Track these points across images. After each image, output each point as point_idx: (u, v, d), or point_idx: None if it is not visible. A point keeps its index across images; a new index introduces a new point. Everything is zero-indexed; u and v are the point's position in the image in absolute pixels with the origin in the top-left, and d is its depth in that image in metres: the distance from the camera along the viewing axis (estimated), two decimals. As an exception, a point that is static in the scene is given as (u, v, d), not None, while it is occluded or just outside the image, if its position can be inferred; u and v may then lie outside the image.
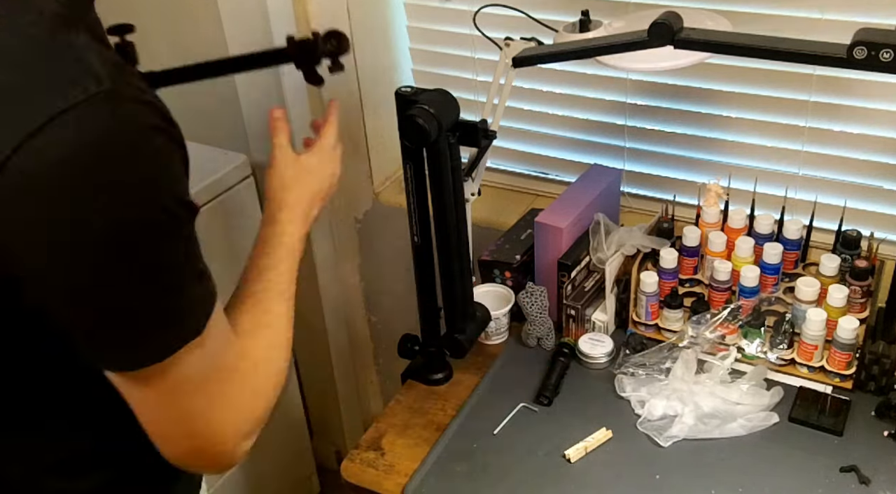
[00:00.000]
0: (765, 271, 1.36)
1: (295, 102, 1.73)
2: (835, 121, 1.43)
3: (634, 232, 1.45)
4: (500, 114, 1.33)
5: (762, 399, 1.27)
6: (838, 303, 1.28)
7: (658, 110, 1.58)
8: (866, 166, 1.43)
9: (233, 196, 1.73)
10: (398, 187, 1.91)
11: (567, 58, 1.29)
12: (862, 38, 0.99)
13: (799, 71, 1.40)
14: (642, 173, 1.66)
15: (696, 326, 1.35)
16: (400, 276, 1.95)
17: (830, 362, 1.29)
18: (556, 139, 1.72)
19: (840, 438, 1.23)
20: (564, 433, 1.28)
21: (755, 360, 1.34)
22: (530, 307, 1.43)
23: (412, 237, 1.31)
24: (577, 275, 1.44)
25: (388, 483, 1.25)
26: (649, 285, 1.38)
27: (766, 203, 1.48)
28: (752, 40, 1.10)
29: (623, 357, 1.38)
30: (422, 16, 1.74)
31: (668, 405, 1.28)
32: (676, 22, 1.11)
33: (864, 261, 1.30)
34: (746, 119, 1.50)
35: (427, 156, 1.22)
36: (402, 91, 1.21)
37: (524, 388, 1.37)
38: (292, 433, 2.13)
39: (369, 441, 1.33)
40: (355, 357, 2.19)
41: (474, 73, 1.73)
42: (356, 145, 1.86)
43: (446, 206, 1.24)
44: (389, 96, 1.28)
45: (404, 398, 1.41)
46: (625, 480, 1.20)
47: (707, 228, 1.43)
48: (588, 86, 1.62)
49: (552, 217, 1.43)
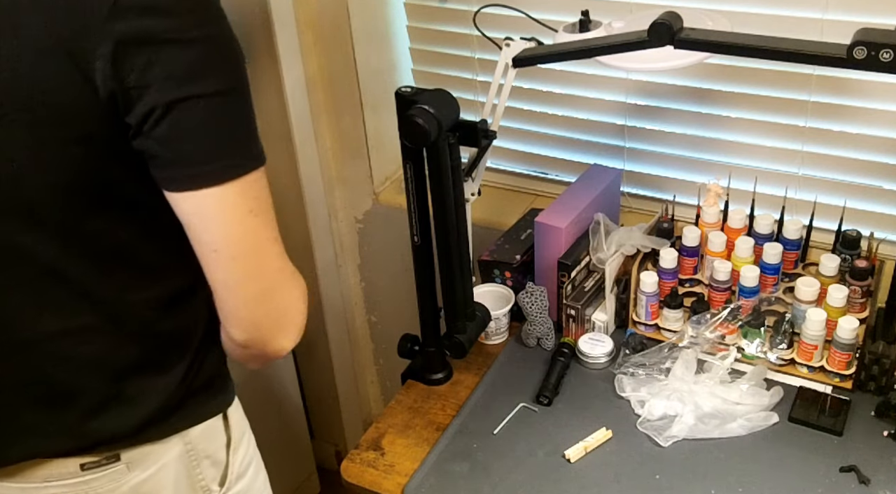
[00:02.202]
0: (765, 271, 1.36)
1: (295, 102, 1.74)
2: (835, 121, 1.43)
3: (634, 232, 1.45)
4: (500, 114, 1.33)
5: (762, 399, 1.27)
6: (838, 303, 1.28)
7: (658, 110, 1.58)
8: (866, 166, 1.43)
9: (233, 196, 1.73)
10: (398, 187, 1.91)
11: (567, 58, 1.29)
12: (862, 38, 0.99)
13: (799, 71, 1.40)
14: (642, 173, 1.66)
15: (696, 326, 1.35)
16: (400, 276, 1.95)
17: (830, 362, 1.29)
18: (556, 139, 1.72)
19: (840, 438, 1.23)
20: (564, 433, 1.28)
21: (755, 360, 1.34)
22: (530, 307, 1.43)
23: (412, 237, 1.31)
24: (577, 275, 1.44)
25: (388, 484, 1.25)
26: (649, 285, 1.38)
27: (765, 203, 1.48)
28: (752, 40, 1.10)
29: (623, 357, 1.38)
30: (422, 16, 1.74)
31: (668, 405, 1.28)
32: (676, 22, 1.11)
33: (864, 261, 1.31)
34: (746, 119, 1.50)
35: (427, 156, 1.22)
36: (402, 91, 1.21)
37: (524, 388, 1.37)
38: (292, 433, 2.13)
39: (369, 441, 1.33)
40: (355, 357, 2.19)
41: (474, 73, 1.73)
42: (356, 145, 1.86)
43: (446, 206, 1.24)
44: (389, 96, 1.28)
45: (404, 398, 1.41)
46: (625, 480, 1.20)
47: (707, 228, 1.43)
48: (588, 86, 1.62)
49: (552, 217, 1.43)
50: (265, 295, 0.88)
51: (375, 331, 2.17)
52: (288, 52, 1.68)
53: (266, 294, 0.88)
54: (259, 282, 0.87)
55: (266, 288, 0.88)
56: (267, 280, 0.88)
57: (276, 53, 1.66)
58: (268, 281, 0.88)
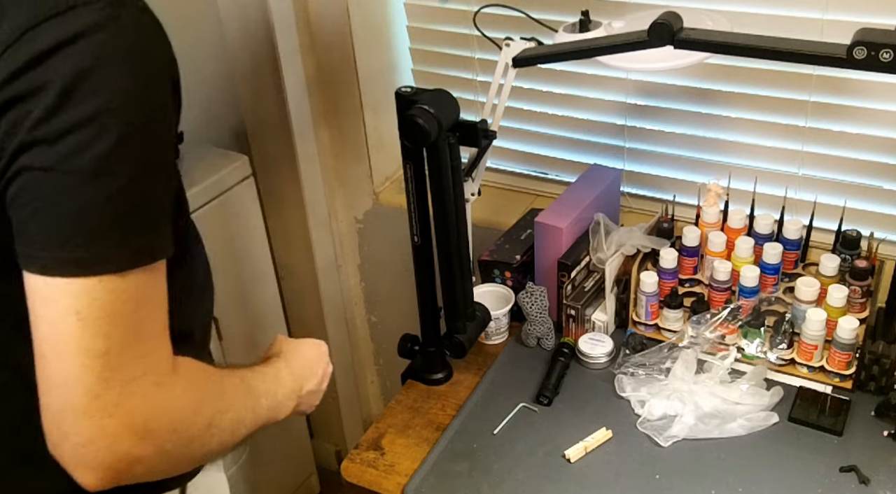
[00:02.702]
0: (765, 271, 1.36)
1: (295, 102, 1.74)
2: (835, 121, 1.43)
3: (634, 232, 1.45)
4: (500, 114, 1.33)
5: (762, 399, 1.27)
6: (838, 303, 1.28)
7: (658, 110, 1.58)
8: (866, 166, 1.43)
9: (233, 196, 1.73)
10: (398, 187, 1.91)
11: (567, 58, 1.29)
12: (862, 38, 0.99)
13: (799, 71, 1.40)
14: (642, 173, 1.66)
15: (696, 326, 1.35)
16: (400, 276, 1.95)
17: (830, 362, 1.29)
18: (556, 139, 1.72)
19: (840, 438, 1.23)
20: (564, 433, 1.28)
21: (755, 360, 1.34)
22: (530, 307, 1.43)
23: (412, 237, 1.31)
24: (577, 275, 1.44)
25: (388, 483, 1.25)
26: (649, 285, 1.38)
27: (766, 203, 1.48)
28: (752, 40, 1.10)
29: (623, 357, 1.38)
30: (422, 16, 1.74)
31: (668, 405, 1.28)
32: (676, 22, 1.11)
33: (863, 261, 1.31)
34: (746, 119, 1.50)
35: (427, 156, 1.22)
36: (402, 91, 1.21)
37: (524, 388, 1.37)
38: (292, 433, 2.13)
39: (369, 441, 1.33)
40: (355, 357, 2.19)
41: (474, 73, 1.73)
42: (356, 145, 1.86)
43: (446, 206, 1.24)
44: (389, 96, 1.28)
45: (404, 398, 1.41)
46: (625, 480, 1.20)
47: (707, 228, 1.43)
48: (588, 86, 1.62)
49: (552, 217, 1.43)
50: (62, 415, 0.71)
51: (375, 331, 2.17)
52: (288, 52, 1.68)
53: (62, 414, 0.71)
54: (58, 397, 0.70)
55: (63, 408, 0.70)
56: (67, 398, 0.70)
57: (276, 53, 1.66)
58: (68, 400, 0.70)
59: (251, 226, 1.82)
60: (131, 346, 0.72)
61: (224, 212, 1.72)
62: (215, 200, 1.68)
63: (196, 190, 1.64)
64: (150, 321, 0.74)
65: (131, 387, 0.72)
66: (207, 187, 1.66)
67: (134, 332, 0.73)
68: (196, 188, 1.64)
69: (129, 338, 0.72)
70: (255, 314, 1.88)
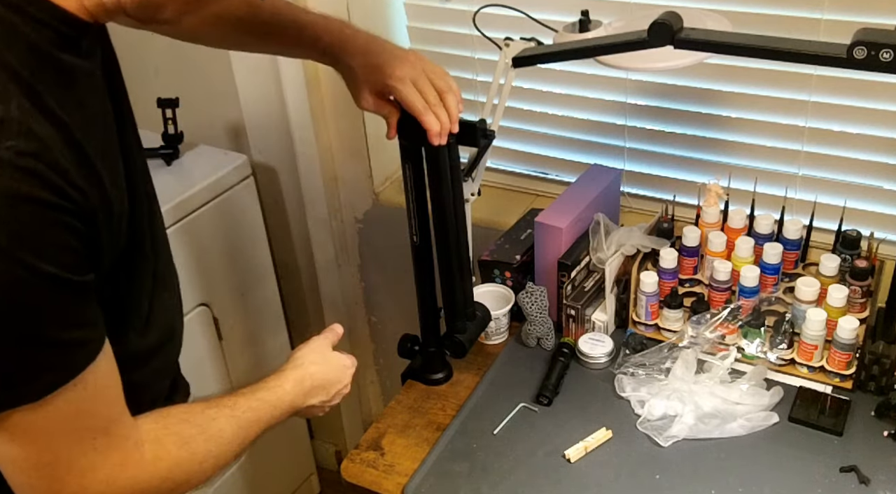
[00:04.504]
0: (765, 271, 1.36)
1: (295, 102, 1.74)
2: (835, 121, 1.43)
3: (634, 232, 1.45)
4: (500, 114, 1.33)
5: (762, 399, 1.27)
6: (838, 303, 1.28)
7: (658, 110, 1.58)
8: (866, 166, 1.43)
9: (233, 196, 1.73)
10: (398, 187, 1.91)
11: (567, 58, 1.29)
12: (862, 38, 0.99)
13: (799, 71, 1.40)
14: (642, 173, 1.66)
15: (696, 326, 1.35)
16: (400, 276, 1.95)
17: (830, 362, 1.29)
18: (556, 139, 1.72)
19: (840, 438, 1.23)
20: (564, 433, 1.28)
21: (755, 360, 1.34)
22: (530, 307, 1.43)
23: (412, 237, 1.31)
24: (577, 275, 1.44)
25: (388, 483, 1.25)
26: (649, 285, 1.38)
27: (766, 203, 1.48)
28: (752, 40, 1.10)
29: (623, 357, 1.38)
30: (422, 16, 1.74)
31: (668, 405, 1.28)
32: (676, 22, 1.11)
33: (864, 261, 1.31)
34: (746, 119, 1.50)
35: (426, 156, 1.22)
36: (402, 91, 1.21)
37: (524, 388, 1.37)
38: (292, 433, 2.13)
39: (369, 441, 1.33)
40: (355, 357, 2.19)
41: (474, 73, 1.73)
42: (356, 145, 1.86)
43: (446, 206, 1.24)
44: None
45: (404, 398, 1.41)
46: (625, 480, 1.20)
47: (707, 228, 1.43)
48: (588, 86, 1.62)
49: (552, 217, 1.43)
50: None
51: (375, 331, 2.17)
52: (288, 52, 1.68)
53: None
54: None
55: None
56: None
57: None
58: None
59: (251, 226, 1.82)
60: (81, 443, 0.74)
61: (224, 212, 1.72)
62: (215, 200, 1.68)
63: (196, 190, 1.64)
64: (96, 413, 0.75)
65: (88, 479, 0.74)
66: (207, 187, 1.66)
67: (80, 432, 0.74)
68: (196, 188, 1.64)
69: (75, 439, 0.73)
70: (255, 314, 1.88)
